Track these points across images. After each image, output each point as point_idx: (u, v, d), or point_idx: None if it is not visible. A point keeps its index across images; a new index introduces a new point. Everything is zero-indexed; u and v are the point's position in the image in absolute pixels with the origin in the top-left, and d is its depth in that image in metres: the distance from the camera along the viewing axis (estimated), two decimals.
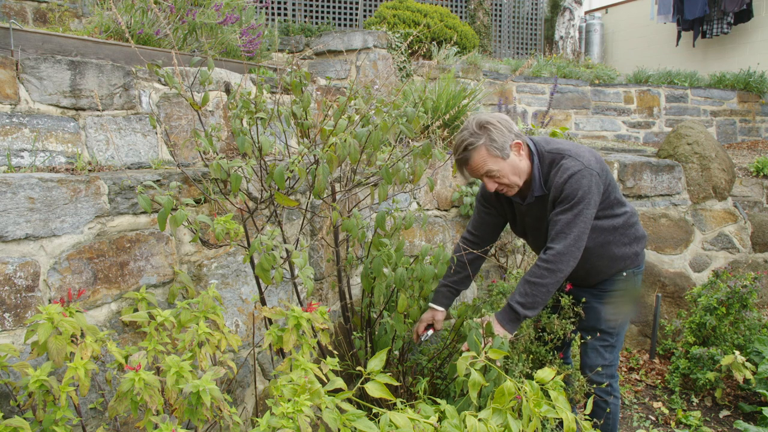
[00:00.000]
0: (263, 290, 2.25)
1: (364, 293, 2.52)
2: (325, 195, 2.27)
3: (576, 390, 2.42)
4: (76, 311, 1.57)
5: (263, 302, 2.26)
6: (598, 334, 2.43)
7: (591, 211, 2.16)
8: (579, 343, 2.54)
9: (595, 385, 2.42)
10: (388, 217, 2.35)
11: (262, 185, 2.22)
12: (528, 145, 2.25)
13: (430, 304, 2.47)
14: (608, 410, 2.47)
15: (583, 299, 2.43)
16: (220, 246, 2.29)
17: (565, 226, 2.14)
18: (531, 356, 2.53)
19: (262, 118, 2.14)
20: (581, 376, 2.45)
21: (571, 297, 2.44)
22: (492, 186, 2.22)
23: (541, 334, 2.54)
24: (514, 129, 2.20)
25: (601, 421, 2.46)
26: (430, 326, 2.49)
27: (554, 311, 2.50)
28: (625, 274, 2.42)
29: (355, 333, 2.60)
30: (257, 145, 2.15)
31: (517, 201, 2.35)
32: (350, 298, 2.53)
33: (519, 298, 2.17)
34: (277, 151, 2.74)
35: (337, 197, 2.45)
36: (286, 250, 2.04)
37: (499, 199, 2.44)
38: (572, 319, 2.45)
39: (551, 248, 2.15)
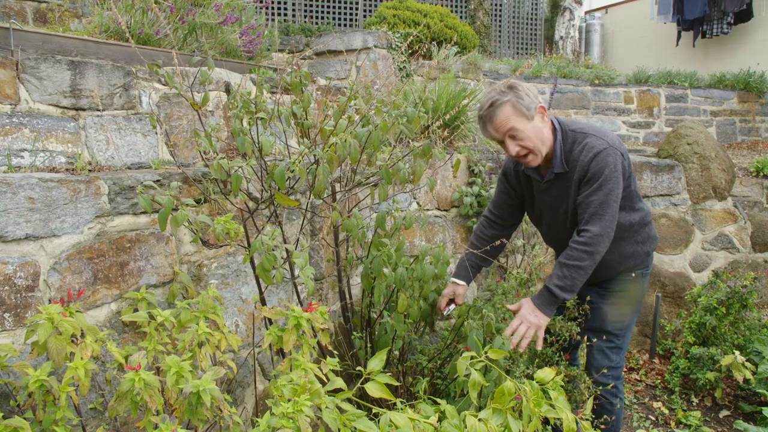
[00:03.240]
0: (263, 290, 2.25)
1: (364, 293, 2.52)
2: (325, 195, 2.27)
3: (582, 391, 2.41)
4: (76, 311, 1.57)
5: (263, 302, 2.25)
6: (604, 336, 2.42)
7: (619, 191, 2.15)
8: (585, 344, 2.52)
9: (601, 387, 2.42)
10: (388, 217, 2.35)
11: (263, 185, 2.22)
12: (552, 121, 2.25)
13: (452, 279, 2.47)
14: (616, 407, 2.47)
15: (588, 298, 2.42)
16: (220, 246, 2.29)
17: (599, 206, 2.12)
18: (537, 359, 2.52)
19: (262, 118, 2.13)
20: (587, 378, 2.44)
21: (576, 296, 2.43)
22: (513, 149, 2.17)
23: (545, 335, 2.52)
24: (540, 98, 2.19)
25: (612, 418, 2.45)
26: (451, 301, 2.49)
27: (559, 312, 2.48)
28: (633, 275, 2.41)
29: (355, 333, 2.60)
30: (257, 145, 2.15)
31: (536, 179, 2.33)
32: (350, 298, 2.53)
33: (557, 281, 2.15)
34: (278, 151, 2.74)
35: (337, 197, 2.45)
36: (287, 251, 2.03)
37: (519, 178, 2.44)
38: (578, 320, 2.44)
39: (587, 230, 2.13)
